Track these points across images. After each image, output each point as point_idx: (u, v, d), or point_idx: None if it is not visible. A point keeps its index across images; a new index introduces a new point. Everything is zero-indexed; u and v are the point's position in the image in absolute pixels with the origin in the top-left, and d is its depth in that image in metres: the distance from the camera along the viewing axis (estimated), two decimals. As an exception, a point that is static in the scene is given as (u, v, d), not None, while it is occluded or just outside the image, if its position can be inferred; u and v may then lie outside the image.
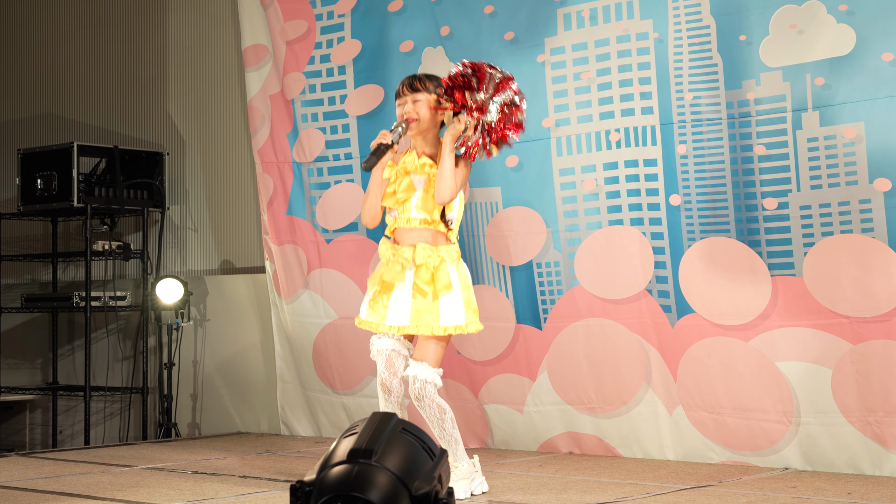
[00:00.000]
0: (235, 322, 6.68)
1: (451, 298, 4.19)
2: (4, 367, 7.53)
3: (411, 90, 4.28)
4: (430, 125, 4.27)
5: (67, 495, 4.30)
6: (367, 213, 4.35)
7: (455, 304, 4.19)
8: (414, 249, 4.22)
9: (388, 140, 4.20)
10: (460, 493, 4.20)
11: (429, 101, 4.26)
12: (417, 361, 4.19)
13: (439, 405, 4.20)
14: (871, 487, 4.31)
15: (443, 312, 4.18)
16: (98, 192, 6.68)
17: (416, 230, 4.25)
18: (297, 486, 2.65)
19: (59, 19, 7.70)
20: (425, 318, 4.18)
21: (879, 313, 4.55)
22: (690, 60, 4.97)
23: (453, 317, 4.18)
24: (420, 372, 4.17)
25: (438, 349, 4.21)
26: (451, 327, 4.18)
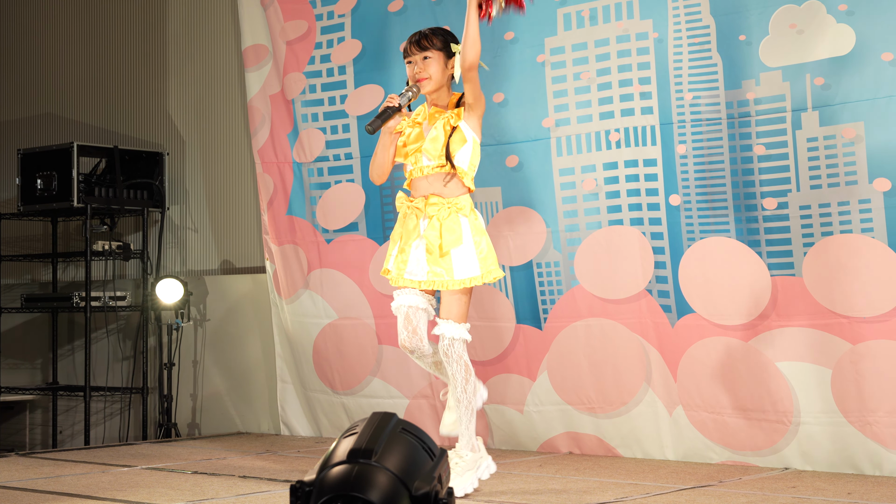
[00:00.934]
0: (235, 322, 6.68)
1: (463, 250, 4.16)
2: (4, 367, 7.53)
3: (419, 48, 4.26)
4: (443, 81, 4.27)
5: (67, 495, 4.30)
6: (373, 171, 4.37)
7: (468, 255, 4.16)
8: (426, 200, 4.21)
9: (395, 103, 4.21)
10: (468, 486, 4.17)
11: (439, 58, 4.25)
12: (444, 319, 4.18)
13: (466, 364, 4.20)
14: (871, 487, 4.31)
15: (456, 266, 4.16)
16: (98, 192, 6.68)
17: (428, 177, 4.23)
18: (297, 486, 2.65)
19: (59, 19, 7.70)
20: (438, 272, 4.16)
21: (879, 313, 4.55)
22: (690, 60, 4.98)
23: (467, 269, 4.16)
24: (447, 329, 4.16)
25: (462, 304, 4.19)
26: (465, 280, 4.16)
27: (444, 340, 4.18)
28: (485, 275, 4.18)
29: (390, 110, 4.21)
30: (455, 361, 4.18)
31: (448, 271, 4.16)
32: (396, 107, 4.21)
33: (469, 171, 4.23)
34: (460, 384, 4.19)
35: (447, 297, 4.21)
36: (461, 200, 4.20)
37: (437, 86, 4.27)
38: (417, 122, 4.31)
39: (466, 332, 4.20)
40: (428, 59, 4.25)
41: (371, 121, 4.22)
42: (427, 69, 4.25)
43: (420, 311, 4.25)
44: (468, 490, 4.18)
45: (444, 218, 4.18)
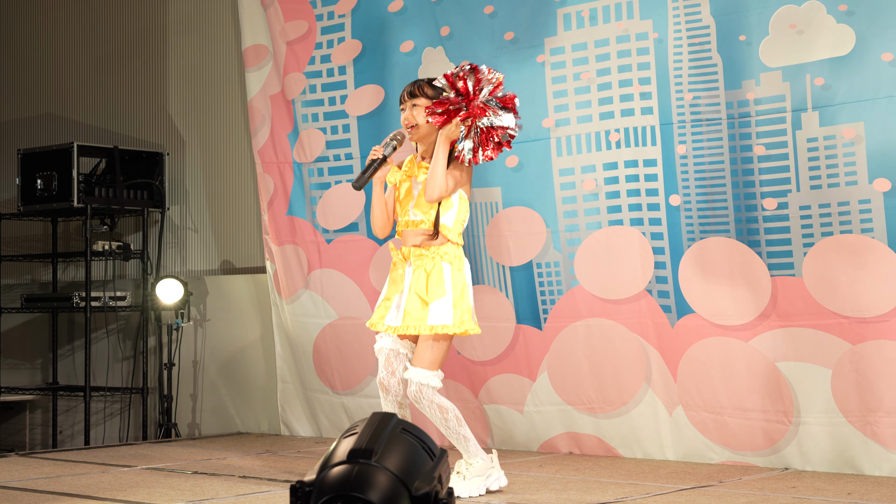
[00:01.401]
0: (235, 322, 6.68)
1: (442, 300, 4.20)
2: (4, 367, 7.53)
3: (410, 96, 4.31)
4: (430, 130, 4.28)
5: (67, 495, 4.30)
6: (374, 225, 4.42)
7: (444, 304, 4.19)
8: (411, 251, 4.26)
9: (378, 155, 4.28)
10: (474, 491, 4.18)
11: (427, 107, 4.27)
12: (414, 366, 4.21)
13: (439, 405, 4.20)
14: (871, 487, 4.31)
15: (431, 313, 4.19)
16: (98, 193, 6.68)
17: (415, 232, 4.29)
18: (297, 487, 2.65)
19: (59, 19, 7.70)
20: (414, 317, 4.20)
21: (879, 313, 4.55)
22: (690, 60, 4.98)
23: (441, 317, 4.18)
24: (415, 375, 4.19)
25: (436, 350, 4.21)
26: (437, 326, 4.18)
27: (412, 386, 4.20)
28: (456, 325, 4.19)
29: (375, 163, 4.28)
30: (427, 407, 4.20)
31: (423, 318, 4.19)
32: (381, 158, 4.28)
33: (455, 228, 4.28)
34: (442, 426, 4.23)
35: (422, 343, 4.23)
36: (448, 250, 4.24)
37: (423, 134, 4.30)
38: (407, 175, 4.35)
39: (437, 379, 4.20)
40: (416, 106, 4.29)
41: (357, 177, 4.29)
42: (416, 117, 4.29)
43: (400, 355, 4.29)
44: (472, 494, 4.18)
45: (430, 269, 4.22)
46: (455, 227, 4.28)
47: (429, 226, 4.25)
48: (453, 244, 4.27)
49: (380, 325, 4.30)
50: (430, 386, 4.19)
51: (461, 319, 4.20)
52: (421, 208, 4.27)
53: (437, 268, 4.22)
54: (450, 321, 4.19)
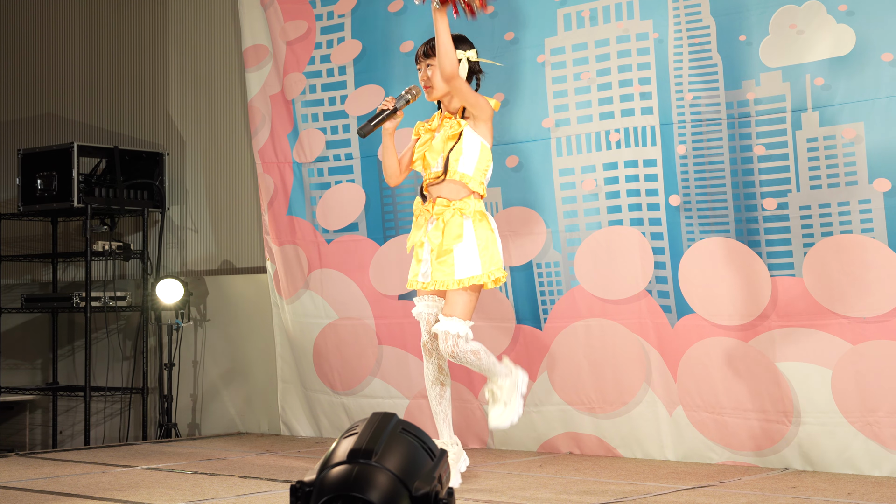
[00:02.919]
0: (235, 322, 6.68)
1: (463, 249, 4.22)
2: (4, 367, 7.53)
3: (425, 56, 4.36)
4: (446, 88, 4.32)
5: (67, 495, 4.30)
6: (386, 174, 4.50)
7: (469, 254, 4.20)
8: (434, 203, 4.29)
9: (389, 106, 4.31)
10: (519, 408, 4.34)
11: None
12: (446, 316, 4.23)
13: (473, 351, 4.24)
14: (871, 487, 4.31)
15: (458, 265, 4.21)
16: (98, 193, 6.68)
17: (438, 184, 4.31)
18: (297, 487, 2.65)
19: (59, 19, 7.70)
20: (443, 271, 4.23)
21: (879, 313, 4.55)
22: (690, 60, 4.98)
23: (468, 268, 4.20)
24: (449, 327, 4.21)
25: (465, 302, 4.23)
26: (465, 279, 4.20)
27: (447, 340, 4.20)
28: (487, 274, 4.21)
29: (383, 114, 4.30)
30: (462, 356, 4.23)
31: (450, 270, 4.20)
32: (390, 110, 4.30)
33: (475, 177, 4.30)
34: (475, 365, 4.27)
35: (451, 295, 4.26)
36: (466, 203, 4.26)
37: (439, 94, 4.37)
38: (430, 129, 4.39)
39: (468, 328, 4.23)
40: (432, 66, 4.31)
41: (363, 124, 4.30)
42: (431, 77, 4.32)
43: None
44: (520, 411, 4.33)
45: (448, 219, 4.25)
46: (476, 175, 4.29)
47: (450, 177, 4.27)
48: (475, 196, 4.28)
49: (415, 284, 4.36)
50: (464, 337, 4.21)
51: (489, 270, 4.21)
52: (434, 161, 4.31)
53: (454, 219, 4.25)
54: (478, 271, 4.21)
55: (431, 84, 4.34)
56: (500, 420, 4.34)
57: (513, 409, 4.32)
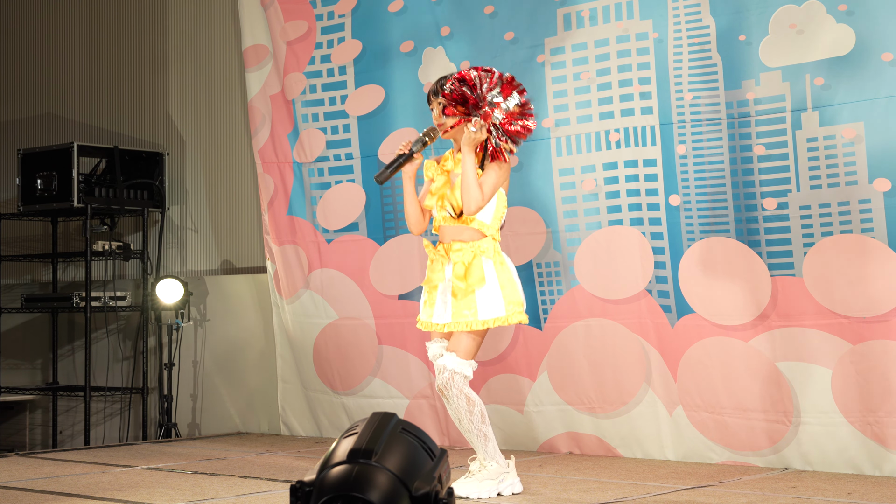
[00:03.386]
0: (235, 322, 6.68)
1: (487, 291, 4.16)
2: (4, 367, 7.53)
3: (434, 95, 4.30)
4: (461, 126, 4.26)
5: (67, 495, 4.30)
6: (409, 223, 4.40)
7: (493, 296, 4.16)
8: (449, 246, 4.23)
9: (406, 150, 4.22)
10: (483, 493, 4.12)
11: None
12: (449, 352, 4.18)
13: (468, 396, 4.15)
14: (871, 487, 4.31)
15: (480, 306, 4.15)
16: (98, 193, 6.68)
17: (452, 227, 4.25)
18: (297, 486, 2.65)
19: (59, 19, 7.70)
20: (464, 314, 4.15)
21: (879, 313, 4.55)
22: (690, 60, 4.98)
23: (493, 310, 4.15)
24: (448, 362, 4.15)
25: (471, 341, 4.18)
26: (489, 320, 4.15)
27: (443, 373, 4.16)
28: (510, 317, 4.17)
29: (400, 158, 4.23)
30: (455, 397, 4.15)
31: (473, 312, 4.15)
32: (408, 154, 4.22)
33: (493, 224, 4.25)
34: (465, 418, 4.17)
35: (459, 334, 4.19)
36: (483, 244, 4.21)
37: (454, 131, 4.27)
38: (446, 169, 4.32)
39: (470, 369, 4.16)
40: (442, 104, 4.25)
41: (380, 171, 4.23)
42: (442, 117, 4.26)
43: None
44: (482, 496, 4.14)
45: (468, 261, 4.19)
46: (493, 223, 4.25)
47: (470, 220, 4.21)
48: (491, 240, 4.24)
49: (430, 325, 4.27)
50: (462, 375, 4.15)
51: (512, 311, 4.17)
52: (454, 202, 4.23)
53: (476, 260, 4.18)
54: (502, 313, 4.16)
55: (443, 122, 4.28)
56: (462, 488, 4.14)
57: (479, 490, 4.13)
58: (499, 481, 4.19)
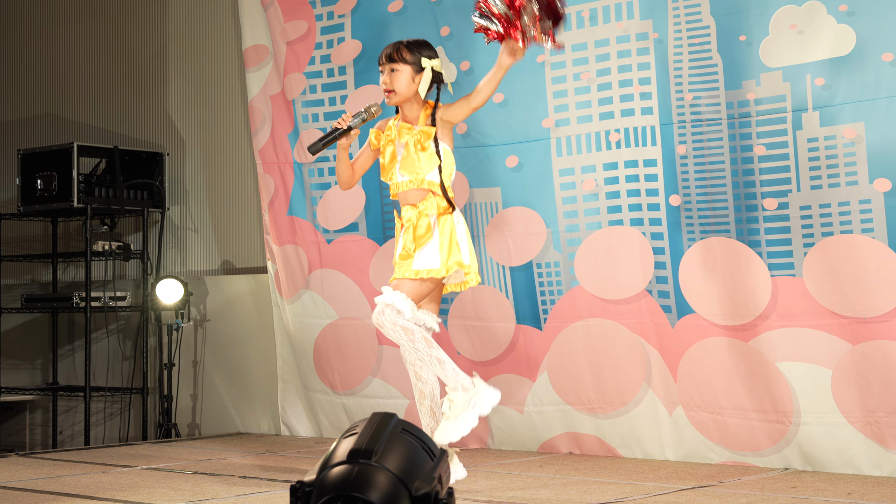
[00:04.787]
0: (235, 322, 6.68)
1: (427, 246, 4.19)
2: (4, 367, 7.53)
3: (388, 60, 4.32)
4: (408, 94, 4.32)
5: (67, 496, 4.30)
6: (339, 181, 4.50)
7: (430, 250, 4.18)
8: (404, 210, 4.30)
9: (344, 125, 4.30)
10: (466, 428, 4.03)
11: (406, 72, 4.29)
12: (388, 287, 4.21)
13: (403, 327, 4.12)
14: (871, 487, 4.31)
15: (416, 258, 4.19)
16: (98, 193, 6.68)
17: (406, 192, 4.30)
18: (297, 487, 2.65)
19: (58, 20, 7.70)
20: (403, 266, 4.20)
21: (879, 313, 4.55)
22: (690, 60, 4.97)
23: (427, 261, 4.17)
24: (384, 297, 4.16)
25: (409, 287, 4.17)
26: (422, 271, 4.17)
27: (376, 308, 4.16)
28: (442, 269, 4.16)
29: (337, 132, 4.32)
30: (390, 330, 4.12)
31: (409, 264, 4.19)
32: (343, 129, 4.30)
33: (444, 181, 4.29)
34: (409, 348, 4.15)
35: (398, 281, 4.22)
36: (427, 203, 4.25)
37: (401, 99, 4.34)
38: (390, 139, 4.36)
39: (406, 306, 4.12)
40: (395, 71, 4.30)
41: (315, 142, 4.31)
42: (393, 82, 4.31)
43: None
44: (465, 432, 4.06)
45: (415, 222, 4.24)
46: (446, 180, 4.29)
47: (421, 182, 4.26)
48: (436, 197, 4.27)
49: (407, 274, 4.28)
50: (394, 307, 4.12)
51: (447, 264, 4.16)
52: (406, 169, 4.29)
53: (420, 221, 4.23)
54: (436, 265, 4.16)
55: (392, 88, 4.30)
56: (439, 436, 4.08)
57: (457, 427, 4.05)
58: (472, 406, 4.10)
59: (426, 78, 4.32)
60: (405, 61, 4.31)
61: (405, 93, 4.32)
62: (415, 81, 4.32)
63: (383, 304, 4.15)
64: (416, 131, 4.31)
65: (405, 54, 4.31)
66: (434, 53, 4.40)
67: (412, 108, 4.37)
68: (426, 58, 4.34)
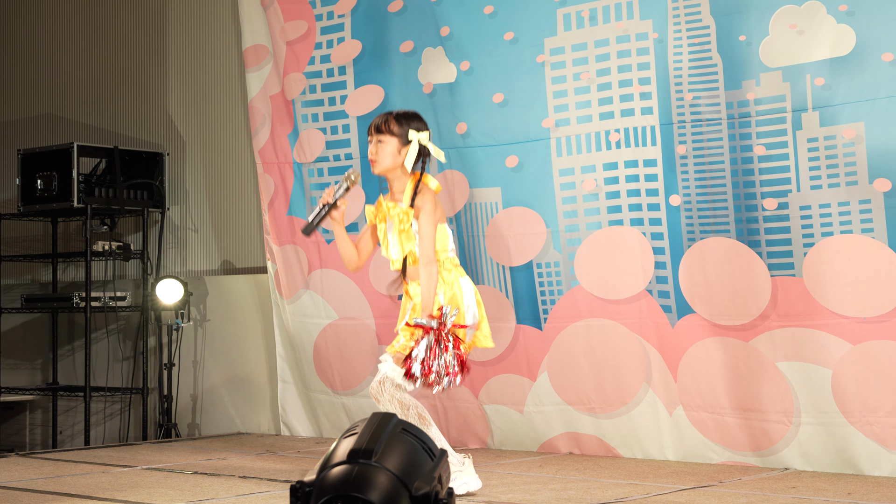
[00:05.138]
0: (235, 322, 6.68)
1: None
2: (4, 367, 7.53)
3: (376, 131, 4.30)
4: (392, 166, 4.29)
5: (67, 496, 4.30)
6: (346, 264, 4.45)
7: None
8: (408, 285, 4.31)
9: (329, 199, 4.28)
10: None
11: (392, 144, 4.25)
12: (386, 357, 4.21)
13: (400, 401, 4.13)
14: (871, 487, 4.31)
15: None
16: (98, 193, 6.68)
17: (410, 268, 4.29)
18: (297, 487, 2.65)
19: (59, 19, 7.70)
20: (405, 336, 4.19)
21: (879, 313, 4.55)
22: (690, 60, 4.97)
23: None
24: (383, 366, 4.17)
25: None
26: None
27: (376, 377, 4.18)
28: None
29: (325, 208, 4.29)
30: (388, 402, 4.14)
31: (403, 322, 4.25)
32: (332, 204, 4.28)
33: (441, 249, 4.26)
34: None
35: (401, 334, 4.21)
36: None
37: (383, 170, 4.30)
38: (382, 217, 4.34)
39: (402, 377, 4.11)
40: (381, 143, 4.27)
41: (307, 223, 4.31)
42: (377, 153, 4.29)
43: None
44: None
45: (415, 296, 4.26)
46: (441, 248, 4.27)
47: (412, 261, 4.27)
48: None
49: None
50: (392, 381, 4.13)
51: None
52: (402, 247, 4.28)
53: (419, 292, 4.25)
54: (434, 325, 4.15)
55: (377, 160, 4.29)
56: None
57: None
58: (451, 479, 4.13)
59: (412, 151, 4.25)
60: (392, 133, 4.26)
61: (388, 165, 4.27)
62: (400, 154, 4.27)
63: (383, 377, 4.15)
64: (399, 211, 4.27)
65: (392, 126, 4.26)
66: (423, 126, 4.32)
67: (399, 180, 4.32)
68: (414, 130, 4.27)
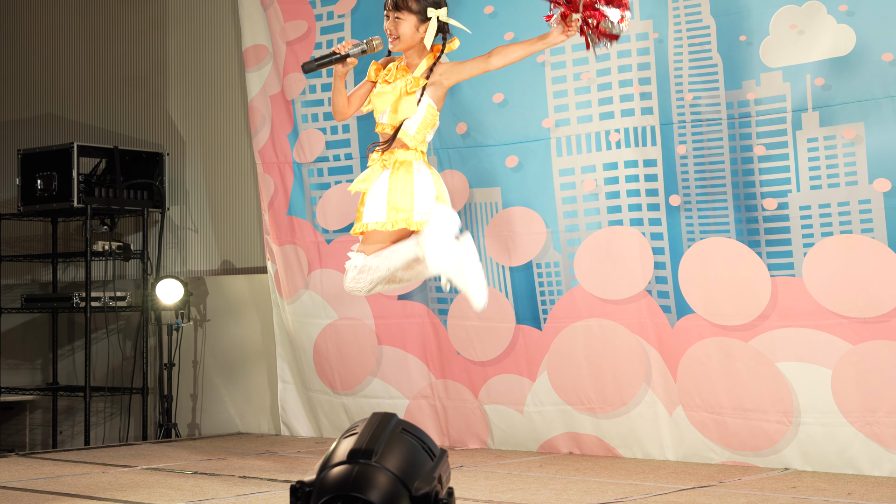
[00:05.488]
0: (235, 322, 6.68)
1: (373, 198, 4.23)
2: (4, 367, 7.53)
3: (394, 7, 4.29)
4: (411, 43, 4.29)
5: (67, 496, 4.30)
6: (334, 113, 4.45)
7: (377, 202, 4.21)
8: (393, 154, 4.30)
9: (342, 51, 4.27)
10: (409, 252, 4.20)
11: (411, 20, 4.26)
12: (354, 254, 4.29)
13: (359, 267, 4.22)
14: (871, 487, 4.31)
15: (365, 211, 4.25)
16: (98, 193, 6.68)
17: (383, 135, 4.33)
18: (297, 487, 2.65)
19: (58, 19, 7.70)
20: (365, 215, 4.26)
21: (879, 313, 4.55)
22: (690, 61, 4.98)
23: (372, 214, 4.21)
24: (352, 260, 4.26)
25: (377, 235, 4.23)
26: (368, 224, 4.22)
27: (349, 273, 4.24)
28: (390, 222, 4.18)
29: (334, 57, 4.26)
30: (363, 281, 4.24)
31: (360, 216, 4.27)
32: (341, 55, 4.26)
33: (415, 136, 4.27)
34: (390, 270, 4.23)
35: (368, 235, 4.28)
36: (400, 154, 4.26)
37: (404, 47, 4.31)
38: (387, 80, 4.35)
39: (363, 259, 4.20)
40: (399, 19, 4.27)
41: (310, 60, 4.27)
42: (396, 29, 4.28)
43: None
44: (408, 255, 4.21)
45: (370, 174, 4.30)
46: (416, 134, 4.28)
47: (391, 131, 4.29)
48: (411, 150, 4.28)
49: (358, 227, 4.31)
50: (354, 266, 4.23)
51: (394, 218, 4.19)
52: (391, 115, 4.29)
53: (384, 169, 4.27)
54: (382, 218, 4.19)
55: (397, 36, 4.28)
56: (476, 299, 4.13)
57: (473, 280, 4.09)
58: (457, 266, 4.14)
59: (431, 28, 4.25)
60: (410, 10, 4.25)
61: (408, 41, 4.28)
62: (419, 31, 4.27)
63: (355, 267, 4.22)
64: (409, 78, 4.29)
65: (411, 3, 4.25)
66: (441, 2, 4.31)
67: (413, 56, 4.34)
68: (433, 6, 4.27)
